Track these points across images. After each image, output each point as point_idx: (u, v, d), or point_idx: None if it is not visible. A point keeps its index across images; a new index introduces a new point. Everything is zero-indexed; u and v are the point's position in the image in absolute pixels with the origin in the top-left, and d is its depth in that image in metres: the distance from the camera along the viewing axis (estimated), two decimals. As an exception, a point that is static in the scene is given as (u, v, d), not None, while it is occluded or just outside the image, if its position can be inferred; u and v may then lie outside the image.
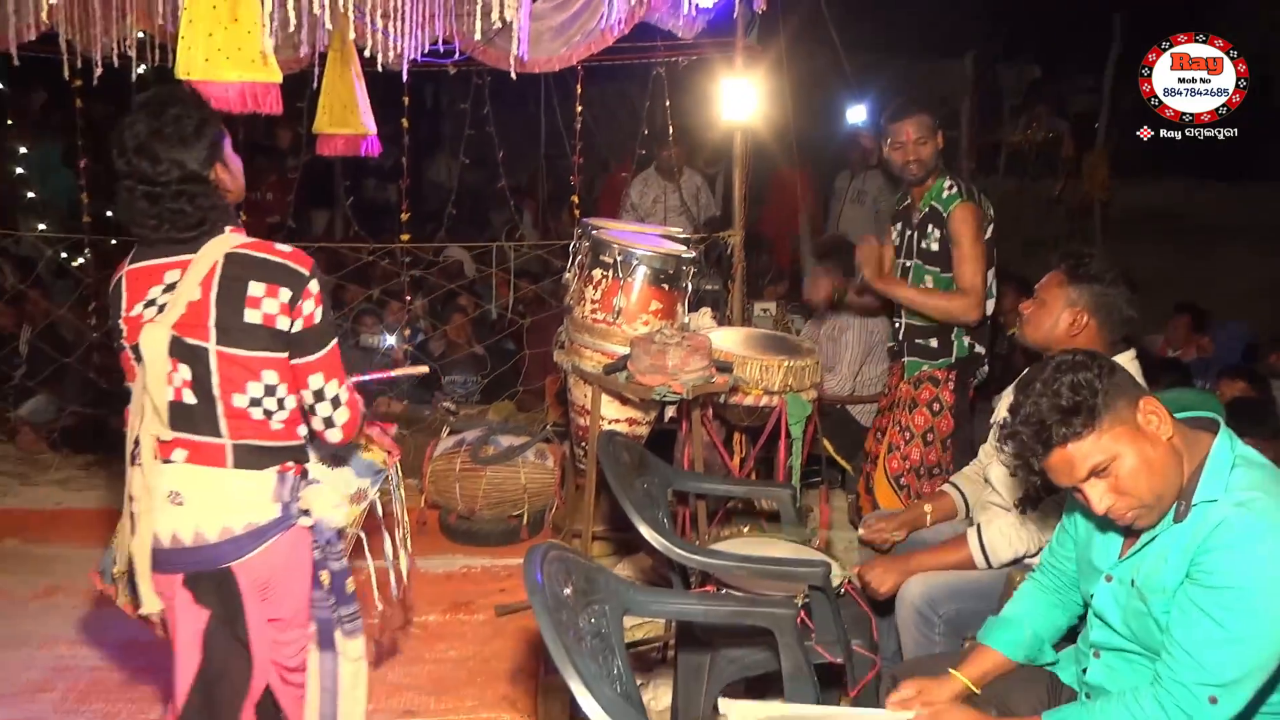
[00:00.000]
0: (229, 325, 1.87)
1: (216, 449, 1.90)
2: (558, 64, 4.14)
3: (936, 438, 3.37)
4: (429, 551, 4.01)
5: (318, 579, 2.03)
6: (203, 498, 1.89)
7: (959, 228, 3.25)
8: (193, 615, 1.93)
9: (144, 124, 1.88)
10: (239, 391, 1.89)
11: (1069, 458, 1.64)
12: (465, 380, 5.68)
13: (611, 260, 3.16)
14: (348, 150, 4.02)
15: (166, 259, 1.92)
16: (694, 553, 2.30)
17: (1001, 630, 1.99)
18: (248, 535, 1.91)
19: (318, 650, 2.06)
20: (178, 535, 1.89)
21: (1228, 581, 1.57)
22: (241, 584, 1.92)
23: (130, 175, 1.88)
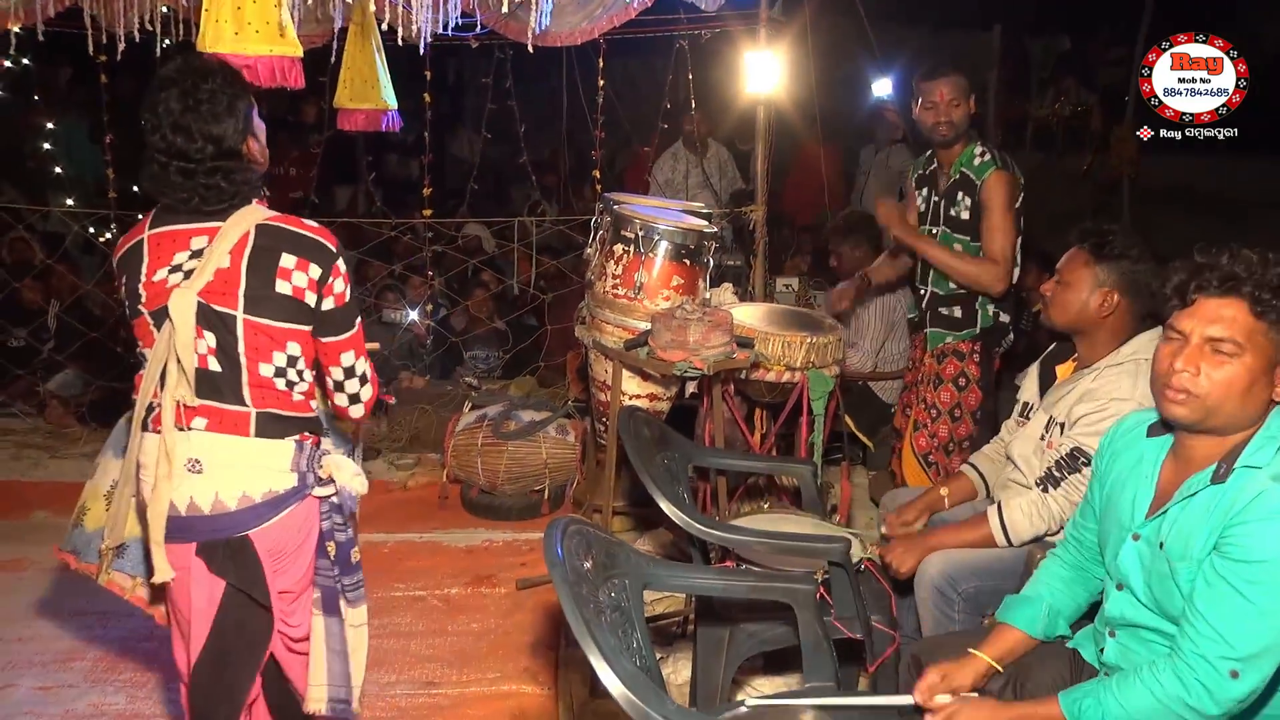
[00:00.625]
0: (259, 294, 1.87)
1: (240, 417, 1.89)
2: (580, 37, 4.11)
3: (965, 413, 3.35)
4: (450, 525, 4.05)
5: (323, 549, 2.03)
6: (223, 466, 1.89)
7: (992, 195, 3.20)
8: (207, 585, 1.92)
9: (178, 100, 1.86)
10: (265, 361, 1.90)
11: (1220, 314, 1.64)
12: (487, 355, 5.70)
13: (633, 235, 3.15)
14: (369, 125, 4.02)
15: (193, 224, 1.91)
16: (714, 528, 2.30)
17: (1021, 608, 1.98)
18: (266, 504, 1.91)
19: (323, 616, 2.05)
20: (195, 503, 1.88)
21: (1258, 555, 1.56)
22: (260, 551, 1.92)
23: (164, 151, 1.87)
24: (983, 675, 1.90)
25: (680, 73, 4.76)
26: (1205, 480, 1.67)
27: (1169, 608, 1.70)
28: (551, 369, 5.26)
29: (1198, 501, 1.67)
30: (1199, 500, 1.67)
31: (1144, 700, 1.62)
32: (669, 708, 1.44)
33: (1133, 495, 1.81)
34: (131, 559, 2.12)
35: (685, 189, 5.99)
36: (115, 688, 2.87)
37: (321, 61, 4.10)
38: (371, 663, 2.98)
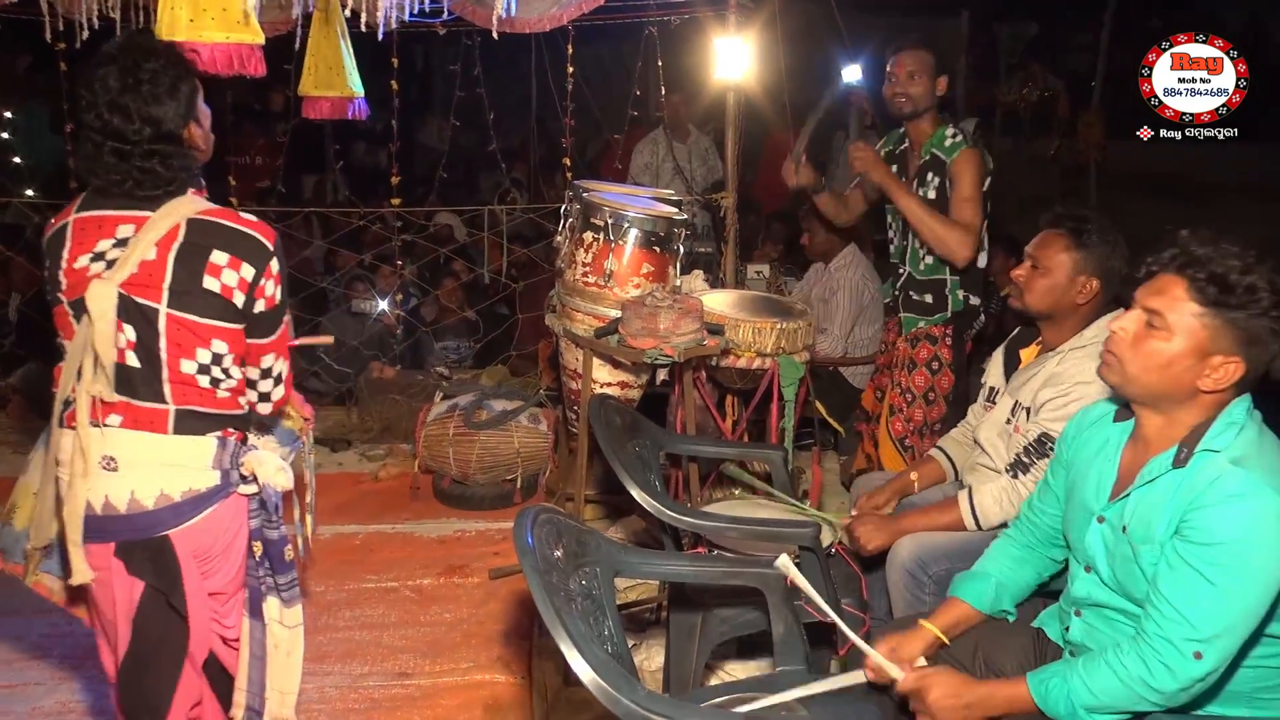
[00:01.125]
0: (184, 289, 1.80)
1: (158, 414, 1.82)
2: (548, 24, 4.09)
3: (938, 395, 3.38)
4: (423, 516, 4.03)
5: (250, 548, 1.96)
6: (139, 464, 1.82)
7: (961, 171, 3.21)
8: (126, 586, 1.86)
9: (116, 78, 1.78)
10: (187, 357, 1.82)
11: (1163, 289, 1.67)
12: (458, 345, 5.68)
13: (603, 223, 3.14)
14: (335, 113, 3.97)
15: (121, 211, 1.83)
16: (685, 514, 2.31)
17: (970, 583, 2.02)
18: (187, 502, 1.84)
19: (248, 618, 1.99)
20: (111, 501, 1.81)
21: (1217, 538, 1.58)
22: (179, 553, 1.85)
23: (99, 130, 1.79)
24: (930, 645, 1.93)
25: (650, 59, 4.74)
26: (1166, 464, 1.70)
27: (1132, 590, 1.73)
28: (523, 358, 5.25)
29: (1159, 485, 1.70)
30: (1160, 484, 1.70)
31: (1109, 681, 1.65)
32: (640, 694, 1.44)
33: (1097, 478, 1.83)
34: (60, 559, 2.01)
35: (663, 174, 5.98)
36: (83, 684, 2.84)
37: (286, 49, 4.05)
38: (343, 654, 3.00)
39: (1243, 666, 1.69)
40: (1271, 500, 1.57)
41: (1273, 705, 1.73)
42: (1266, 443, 1.66)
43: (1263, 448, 1.64)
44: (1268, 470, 1.60)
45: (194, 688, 1.97)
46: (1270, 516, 1.57)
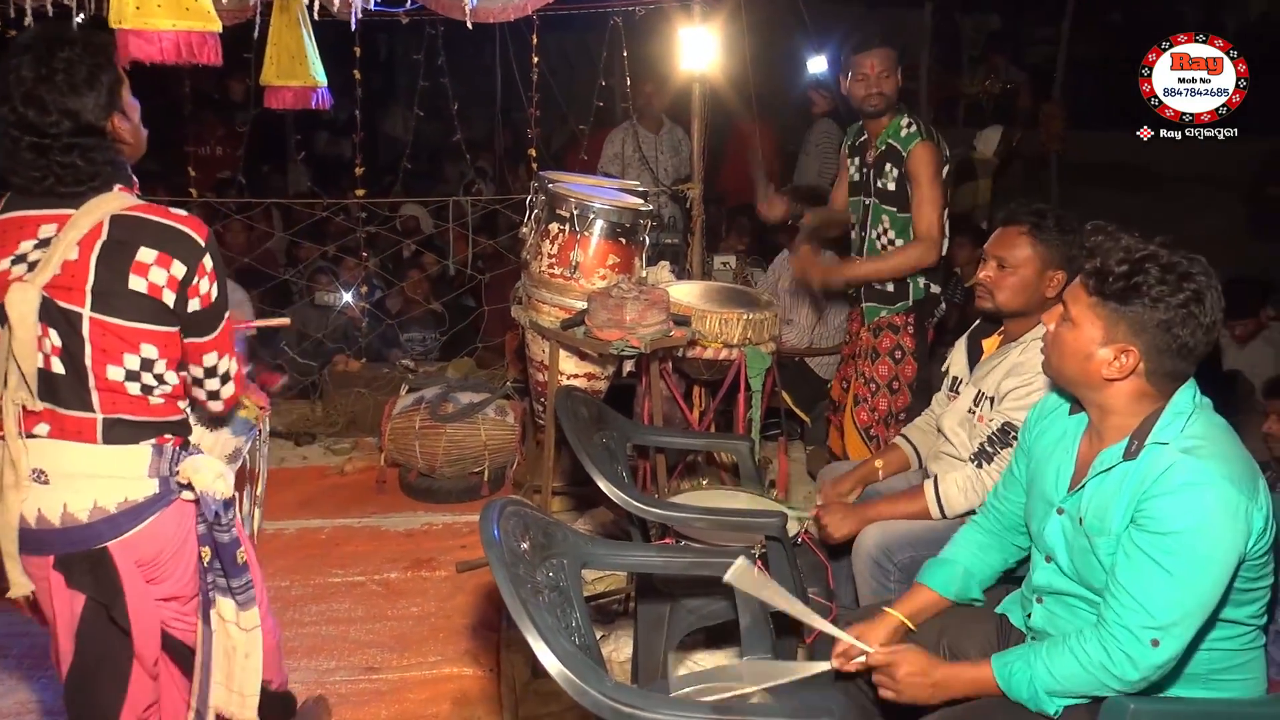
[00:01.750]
0: (108, 291, 1.72)
1: (86, 423, 1.75)
2: (512, 13, 4.05)
3: (902, 384, 3.42)
4: (389, 509, 4.01)
5: (198, 553, 1.90)
6: (69, 475, 1.75)
7: (918, 168, 3.26)
8: (66, 599, 1.80)
9: (30, 68, 1.70)
10: (114, 363, 1.75)
11: (1074, 284, 1.76)
12: (424, 337, 5.64)
13: (568, 214, 3.13)
14: (297, 103, 3.92)
15: (43, 210, 1.75)
16: (651, 505, 2.31)
17: (937, 570, 2.05)
18: (123, 514, 1.78)
19: (200, 623, 1.94)
20: (44, 515, 1.75)
21: (1171, 526, 1.61)
22: (120, 564, 1.79)
23: (15, 124, 1.71)
24: (895, 632, 1.96)
25: (615, 50, 4.72)
26: (1118, 456, 1.72)
27: (1090, 580, 1.76)
28: (490, 350, 5.23)
29: (1112, 477, 1.73)
30: (1113, 476, 1.73)
31: (1070, 667, 1.68)
32: (607, 685, 1.44)
33: (1055, 470, 1.86)
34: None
35: (632, 165, 5.96)
36: (44, 683, 2.79)
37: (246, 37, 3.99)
38: (310, 649, 2.98)
39: (1200, 650, 1.72)
40: (1222, 488, 1.60)
41: (1228, 686, 1.77)
42: (1216, 431, 1.69)
43: (1212, 436, 1.67)
44: (1218, 458, 1.63)
45: (146, 690, 1.93)
46: (1221, 504, 1.60)
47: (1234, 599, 1.69)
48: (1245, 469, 1.65)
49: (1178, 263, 1.65)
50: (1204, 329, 1.64)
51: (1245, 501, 1.61)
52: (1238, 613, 1.72)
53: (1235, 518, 1.60)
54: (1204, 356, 1.69)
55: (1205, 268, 1.66)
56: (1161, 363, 1.67)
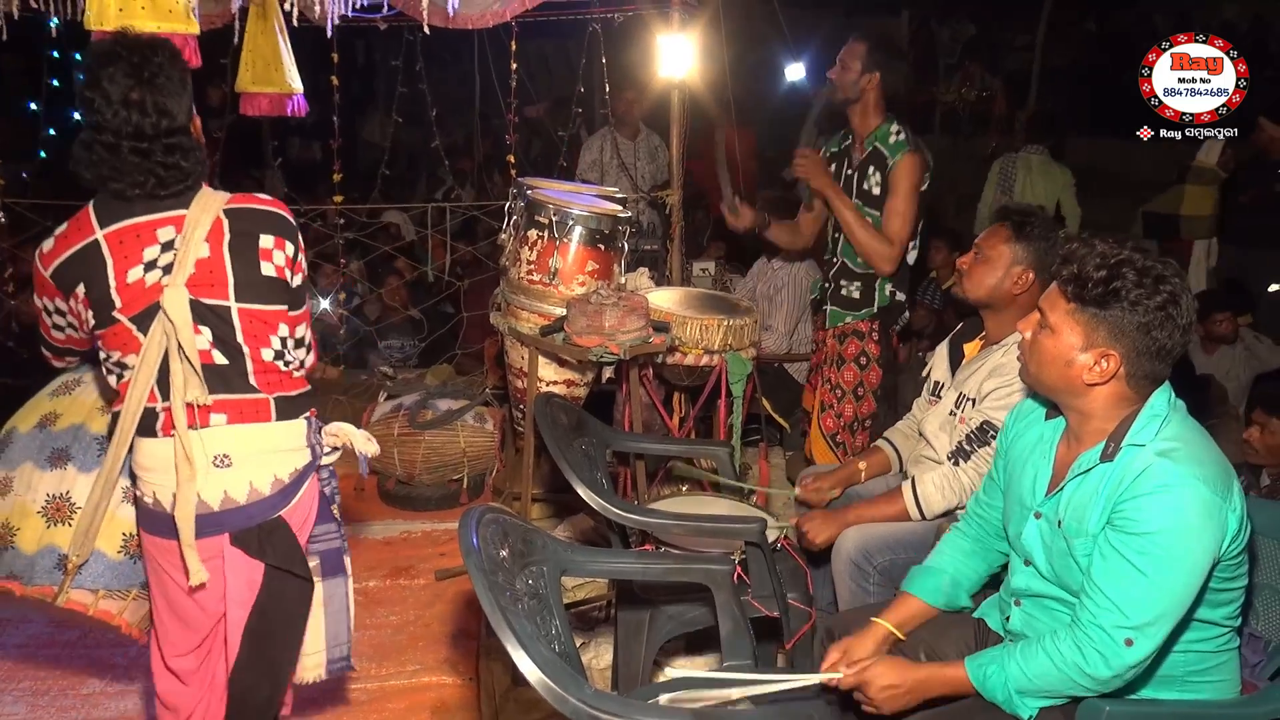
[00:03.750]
0: (248, 280, 1.85)
1: (261, 404, 1.88)
2: (491, 20, 4.06)
3: (867, 390, 3.43)
4: (368, 517, 3.98)
5: (329, 513, 2.05)
6: (252, 455, 1.87)
7: (900, 178, 3.27)
8: (246, 571, 1.91)
9: (127, 75, 1.77)
10: (265, 346, 1.89)
11: (1051, 292, 1.77)
12: (402, 344, 5.62)
13: (547, 221, 3.13)
14: (273, 110, 3.90)
15: (152, 216, 1.83)
16: (631, 512, 2.31)
17: (923, 578, 2.05)
18: (293, 482, 1.92)
19: (323, 581, 2.05)
20: (230, 496, 1.86)
21: (1147, 527, 1.62)
22: (294, 527, 1.93)
23: (114, 130, 1.77)
24: (883, 641, 1.96)
25: (594, 57, 4.73)
26: (1095, 458, 1.74)
27: (1069, 582, 1.77)
28: (468, 357, 5.21)
29: (1089, 479, 1.74)
30: (1091, 478, 1.74)
31: (1044, 667, 1.69)
32: (587, 692, 1.44)
33: (1033, 475, 1.88)
34: (90, 573, 2.03)
35: (610, 172, 5.96)
36: (14, 697, 2.76)
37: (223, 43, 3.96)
38: (287, 659, 2.94)
39: (1175, 651, 1.74)
40: (1198, 490, 1.62)
41: (1202, 687, 1.78)
42: (1191, 434, 1.71)
43: (1187, 439, 1.69)
44: (1193, 461, 1.65)
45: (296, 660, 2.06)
46: (1196, 506, 1.61)
47: (1209, 600, 1.71)
48: (1220, 471, 1.67)
49: (1152, 266, 1.67)
50: (1180, 330, 1.67)
51: (1220, 503, 1.63)
52: (1213, 614, 1.74)
53: (1210, 519, 1.62)
54: (1180, 358, 1.71)
55: (1177, 270, 1.70)
56: (1141, 365, 1.69)
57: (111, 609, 2.09)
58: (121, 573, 2.06)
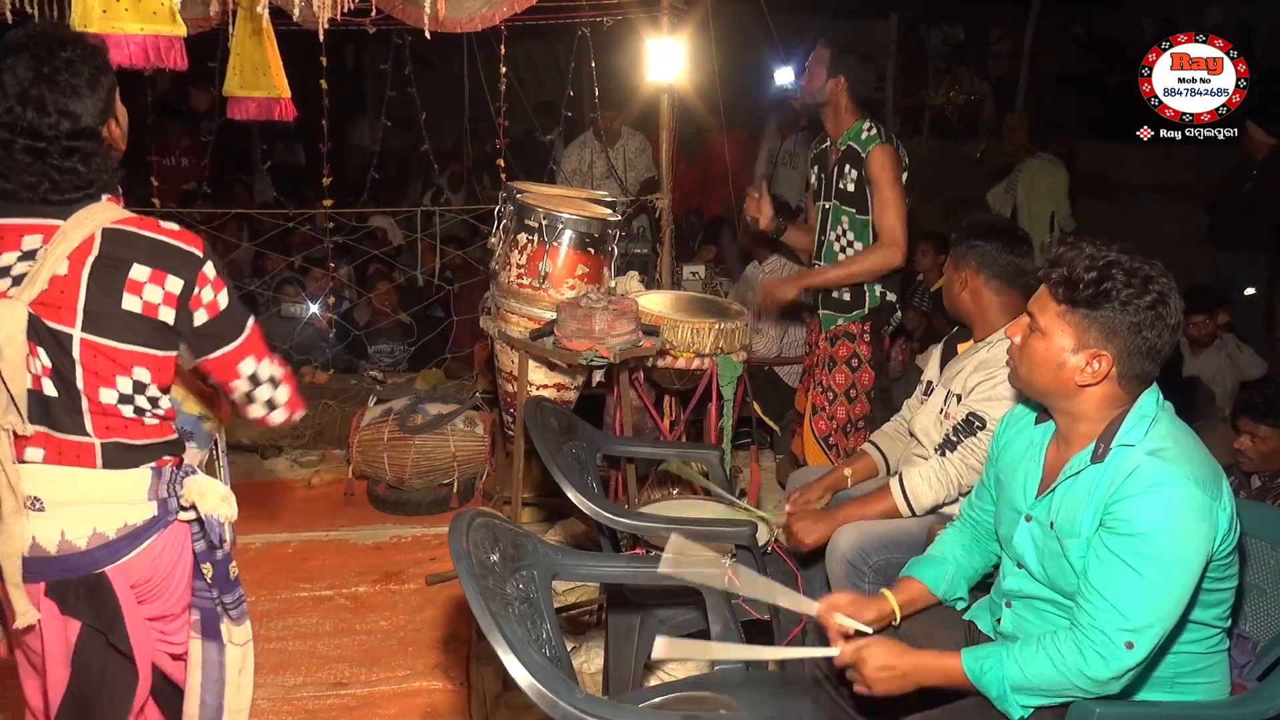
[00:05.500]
0: (101, 310, 1.63)
1: (84, 448, 1.67)
2: (480, 23, 4.04)
3: (860, 392, 3.44)
4: (357, 522, 3.97)
5: (199, 570, 1.84)
6: (67, 502, 1.67)
7: (878, 171, 3.29)
8: (60, 627, 1.72)
9: (28, 67, 1.62)
10: (106, 385, 1.66)
11: (1040, 295, 1.77)
12: (392, 349, 5.61)
13: (537, 224, 3.12)
14: (261, 114, 3.88)
15: (27, 220, 1.65)
16: (621, 516, 2.31)
17: (927, 566, 2.07)
18: (123, 539, 1.70)
19: (201, 640, 1.87)
20: (39, 543, 1.66)
21: (1140, 528, 1.63)
22: (118, 588, 1.71)
23: (8, 126, 1.62)
24: (885, 616, 1.97)
25: (583, 60, 4.73)
26: (1085, 460, 1.74)
27: (1062, 583, 1.77)
28: (458, 361, 5.20)
29: (1080, 481, 1.75)
30: (1081, 479, 1.74)
31: (1043, 667, 1.69)
32: (578, 697, 1.43)
33: (1023, 479, 1.88)
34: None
35: (591, 179, 5.97)
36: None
37: (210, 47, 3.95)
38: (276, 665, 2.94)
39: (1167, 653, 1.74)
40: (1188, 489, 1.62)
41: (1193, 689, 1.79)
42: (1180, 434, 1.72)
43: (1177, 439, 1.70)
44: (1183, 460, 1.65)
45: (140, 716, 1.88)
46: (1187, 505, 1.62)
47: (1200, 600, 1.71)
48: (1210, 470, 1.68)
49: (1140, 267, 1.69)
50: (1170, 329, 1.69)
51: (1210, 502, 1.63)
52: (1204, 615, 1.75)
53: (1202, 517, 1.62)
54: (1169, 358, 1.72)
55: (1164, 270, 1.71)
56: (1132, 365, 1.70)
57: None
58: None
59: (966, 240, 2.57)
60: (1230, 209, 5.80)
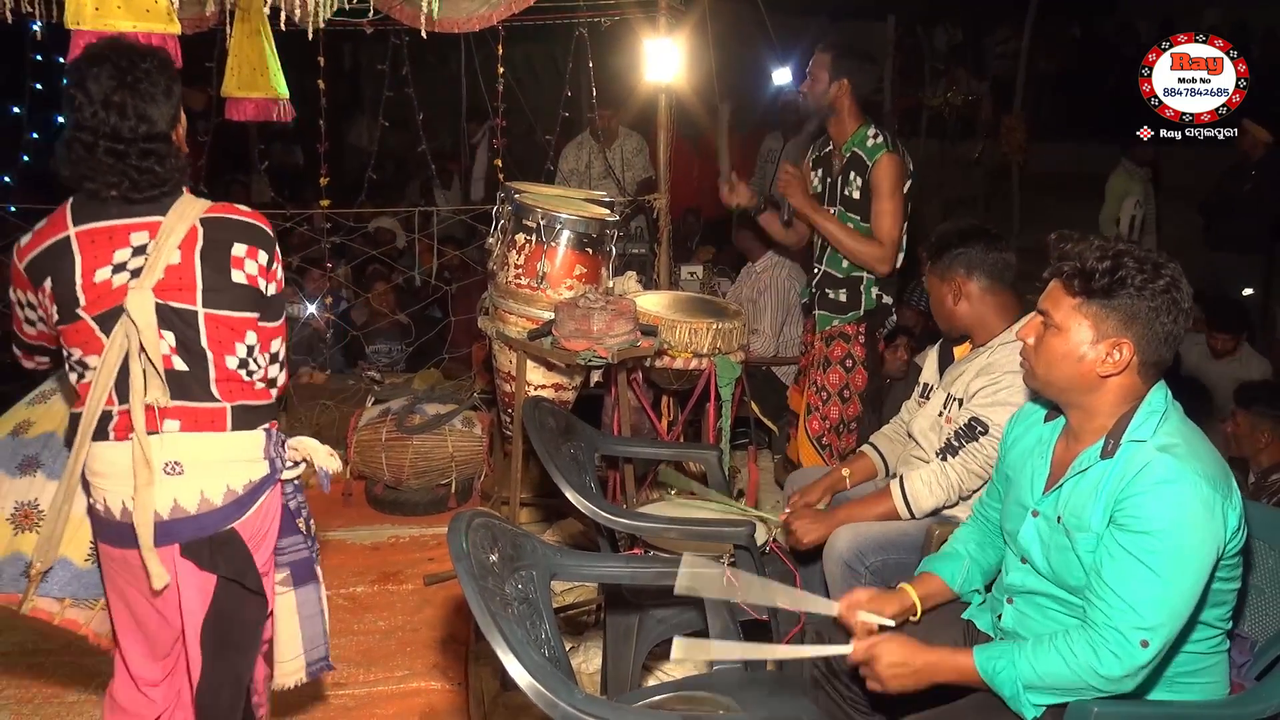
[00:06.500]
0: (217, 286, 1.86)
1: (217, 413, 1.87)
2: (477, 24, 4.04)
3: (853, 393, 3.45)
4: (355, 523, 3.97)
5: (295, 526, 2.05)
6: (204, 464, 1.86)
7: (881, 179, 3.29)
8: (197, 582, 1.90)
9: (112, 75, 1.79)
10: (229, 353, 1.88)
11: (1051, 291, 1.76)
12: (390, 349, 5.60)
13: (535, 225, 3.12)
14: (259, 115, 3.88)
15: (128, 220, 1.84)
16: (620, 516, 2.31)
17: (944, 562, 2.08)
18: (247, 495, 1.91)
19: (294, 590, 2.07)
20: (180, 505, 1.85)
21: (1152, 525, 1.63)
22: (248, 540, 1.92)
23: (92, 130, 1.79)
24: (906, 610, 1.98)
25: (581, 61, 4.73)
26: (1095, 456, 1.75)
27: (1067, 579, 1.77)
28: (456, 361, 5.20)
29: (1089, 476, 1.75)
30: (1090, 475, 1.75)
31: (1056, 666, 1.68)
32: (577, 697, 1.43)
33: (1031, 475, 1.88)
34: (58, 580, 2.02)
35: (589, 179, 5.96)
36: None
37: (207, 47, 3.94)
38: (274, 665, 2.93)
39: (1181, 652, 1.75)
40: (1198, 486, 1.62)
41: (1192, 689, 1.79)
42: (1189, 432, 1.72)
43: (1187, 437, 1.70)
44: (1193, 457, 1.66)
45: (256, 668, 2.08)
46: (1197, 502, 1.62)
47: (1208, 599, 1.71)
48: (1219, 468, 1.68)
49: (1149, 254, 1.71)
50: (1184, 314, 1.70)
51: (1220, 499, 1.64)
52: (1208, 615, 1.75)
53: (1212, 514, 1.63)
54: (1180, 344, 1.74)
55: (1170, 257, 1.72)
56: (1151, 352, 1.71)
57: (78, 618, 2.08)
58: (88, 582, 2.04)
59: (947, 251, 2.56)
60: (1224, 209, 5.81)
